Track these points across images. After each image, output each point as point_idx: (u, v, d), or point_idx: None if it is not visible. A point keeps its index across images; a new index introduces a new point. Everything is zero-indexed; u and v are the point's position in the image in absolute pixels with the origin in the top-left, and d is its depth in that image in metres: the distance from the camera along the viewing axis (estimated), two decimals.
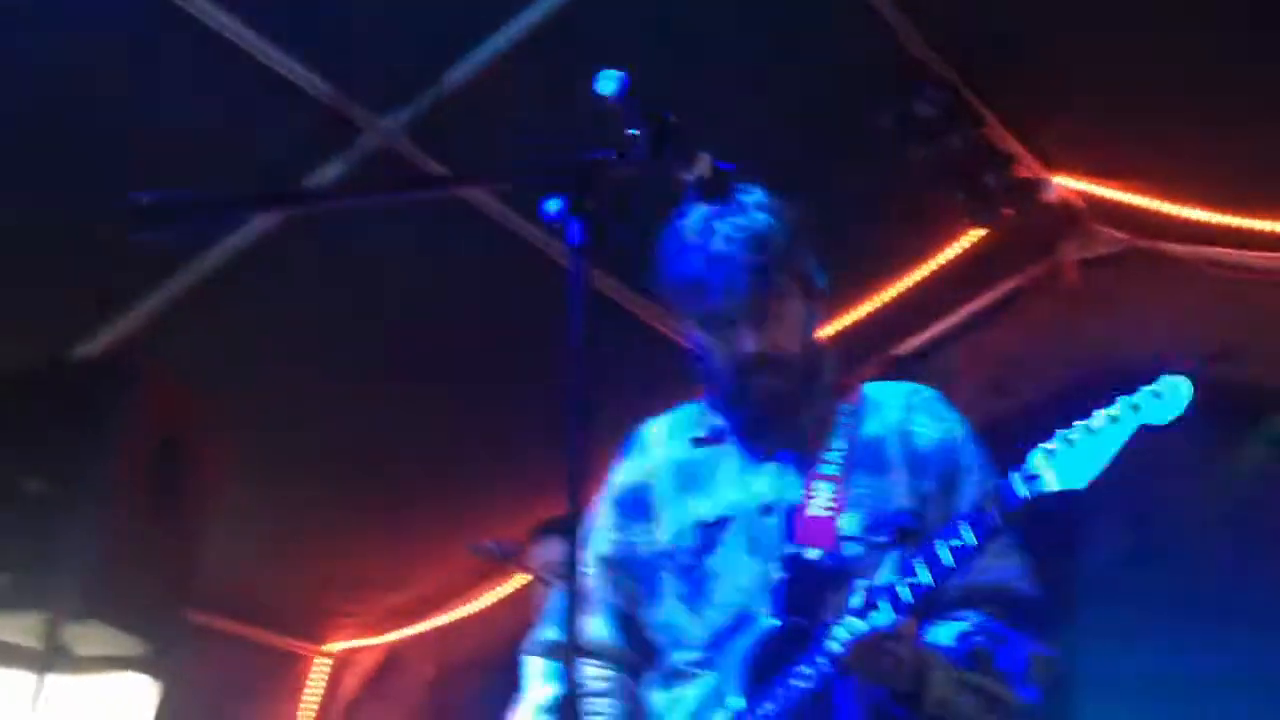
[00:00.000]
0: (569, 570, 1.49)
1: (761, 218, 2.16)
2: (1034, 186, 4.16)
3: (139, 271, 3.90)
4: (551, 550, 3.70)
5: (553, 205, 1.65)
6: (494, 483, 4.95)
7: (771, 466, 2.17)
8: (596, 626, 2.25)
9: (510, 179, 1.72)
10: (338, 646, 5.97)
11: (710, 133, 1.75)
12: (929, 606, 2.02)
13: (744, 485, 2.17)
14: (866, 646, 1.91)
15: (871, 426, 2.17)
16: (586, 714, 2.09)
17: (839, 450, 2.13)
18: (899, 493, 2.12)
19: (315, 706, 5.88)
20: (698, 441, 2.26)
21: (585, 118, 1.67)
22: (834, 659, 1.93)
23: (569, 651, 1.38)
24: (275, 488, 4.79)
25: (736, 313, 2.14)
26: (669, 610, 2.17)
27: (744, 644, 2.04)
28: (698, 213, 2.19)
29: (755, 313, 2.13)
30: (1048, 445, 1.95)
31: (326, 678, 5.91)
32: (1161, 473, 3.40)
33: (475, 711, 5.16)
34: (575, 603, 1.52)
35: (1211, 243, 4.20)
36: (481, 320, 4.36)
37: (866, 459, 2.14)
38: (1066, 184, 4.29)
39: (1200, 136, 3.73)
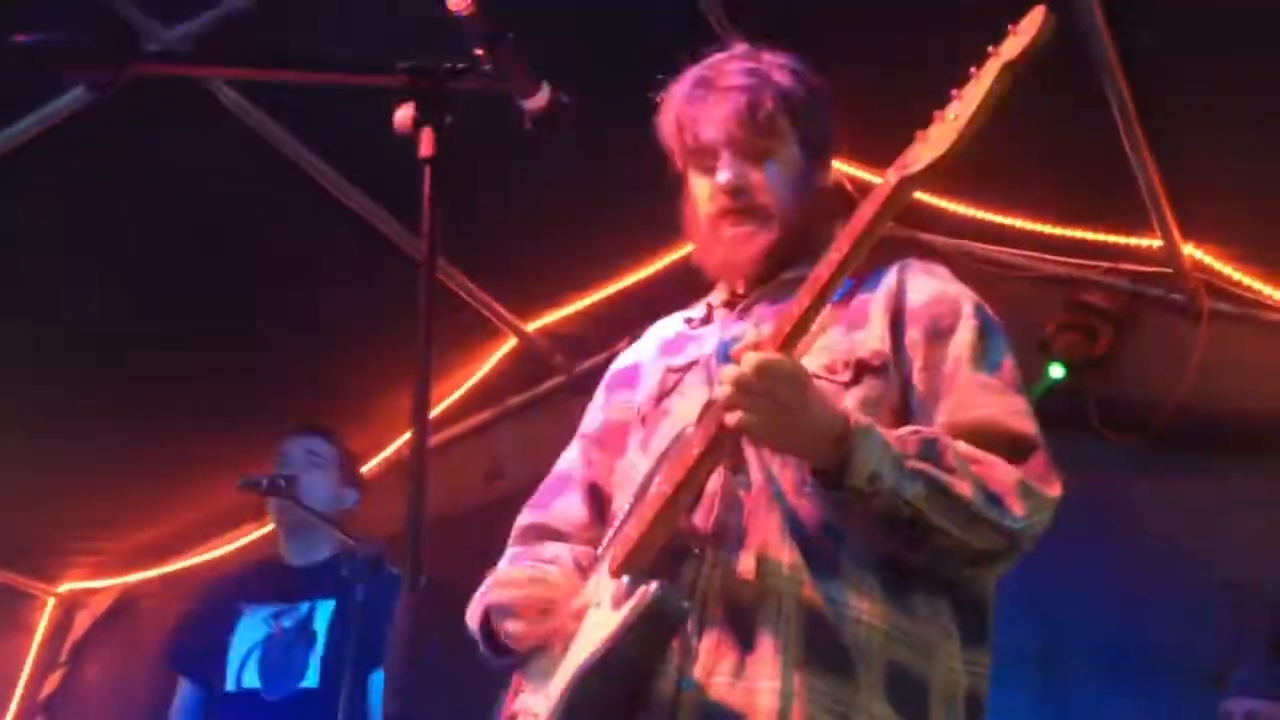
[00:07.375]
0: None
1: (780, 74, 2.04)
2: None
3: None
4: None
5: (402, 114, 1.61)
6: (245, 423, 4.77)
7: (749, 324, 2.02)
8: (569, 506, 2.17)
9: (353, 72, 1.64)
10: (68, 587, 5.70)
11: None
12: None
13: (717, 339, 2.06)
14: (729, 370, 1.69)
15: (863, 292, 1.98)
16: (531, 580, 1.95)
17: (821, 309, 1.87)
18: (872, 339, 1.93)
19: (41, 647, 5.61)
20: (689, 321, 2.18)
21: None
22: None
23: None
24: (10, 414, 4.50)
25: (720, 141, 2.01)
26: (627, 460, 2.07)
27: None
28: (713, 58, 2.09)
29: (741, 143, 2.00)
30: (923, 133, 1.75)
31: (55, 618, 5.65)
32: None
33: None
34: None
35: (968, 236, 4.45)
36: (251, 249, 4.21)
37: (847, 317, 1.97)
38: (837, 167, 4.45)
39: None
